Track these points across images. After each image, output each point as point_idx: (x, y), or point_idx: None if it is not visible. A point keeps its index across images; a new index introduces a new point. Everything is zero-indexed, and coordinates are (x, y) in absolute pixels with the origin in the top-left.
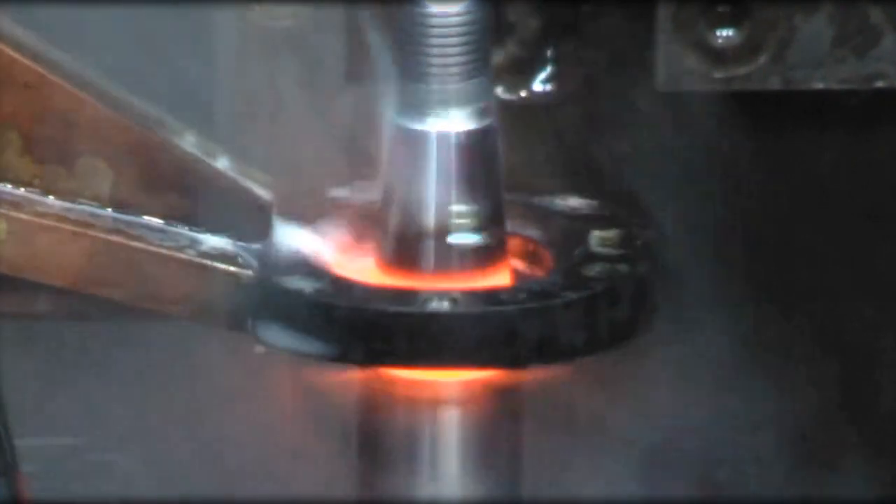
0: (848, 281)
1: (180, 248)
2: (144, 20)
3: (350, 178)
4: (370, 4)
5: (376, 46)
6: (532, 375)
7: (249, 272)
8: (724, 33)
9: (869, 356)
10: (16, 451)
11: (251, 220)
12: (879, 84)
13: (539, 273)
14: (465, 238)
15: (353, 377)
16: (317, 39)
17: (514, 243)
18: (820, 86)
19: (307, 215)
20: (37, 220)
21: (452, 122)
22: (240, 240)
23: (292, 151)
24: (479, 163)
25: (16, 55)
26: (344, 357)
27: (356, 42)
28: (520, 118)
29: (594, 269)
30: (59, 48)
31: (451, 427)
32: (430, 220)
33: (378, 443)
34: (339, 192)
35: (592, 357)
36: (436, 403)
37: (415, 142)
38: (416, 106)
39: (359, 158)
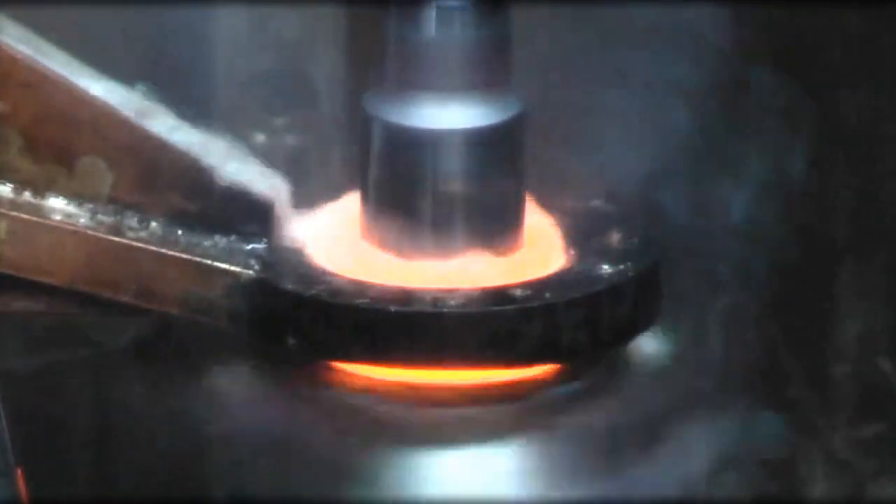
0: None
1: (180, 248)
2: None
3: None
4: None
5: None
6: None
7: (249, 272)
8: None
9: None
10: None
11: (251, 220)
12: None
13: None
14: None
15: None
16: None
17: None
18: None
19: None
20: (37, 219)
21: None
22: (240, 240)
23: None
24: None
25: (16, 55)
26: (345, 357)
27: None
28: None
29: (599, 268)
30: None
31: None
32: None
33: None
34: None
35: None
36: None
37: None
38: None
39: None
